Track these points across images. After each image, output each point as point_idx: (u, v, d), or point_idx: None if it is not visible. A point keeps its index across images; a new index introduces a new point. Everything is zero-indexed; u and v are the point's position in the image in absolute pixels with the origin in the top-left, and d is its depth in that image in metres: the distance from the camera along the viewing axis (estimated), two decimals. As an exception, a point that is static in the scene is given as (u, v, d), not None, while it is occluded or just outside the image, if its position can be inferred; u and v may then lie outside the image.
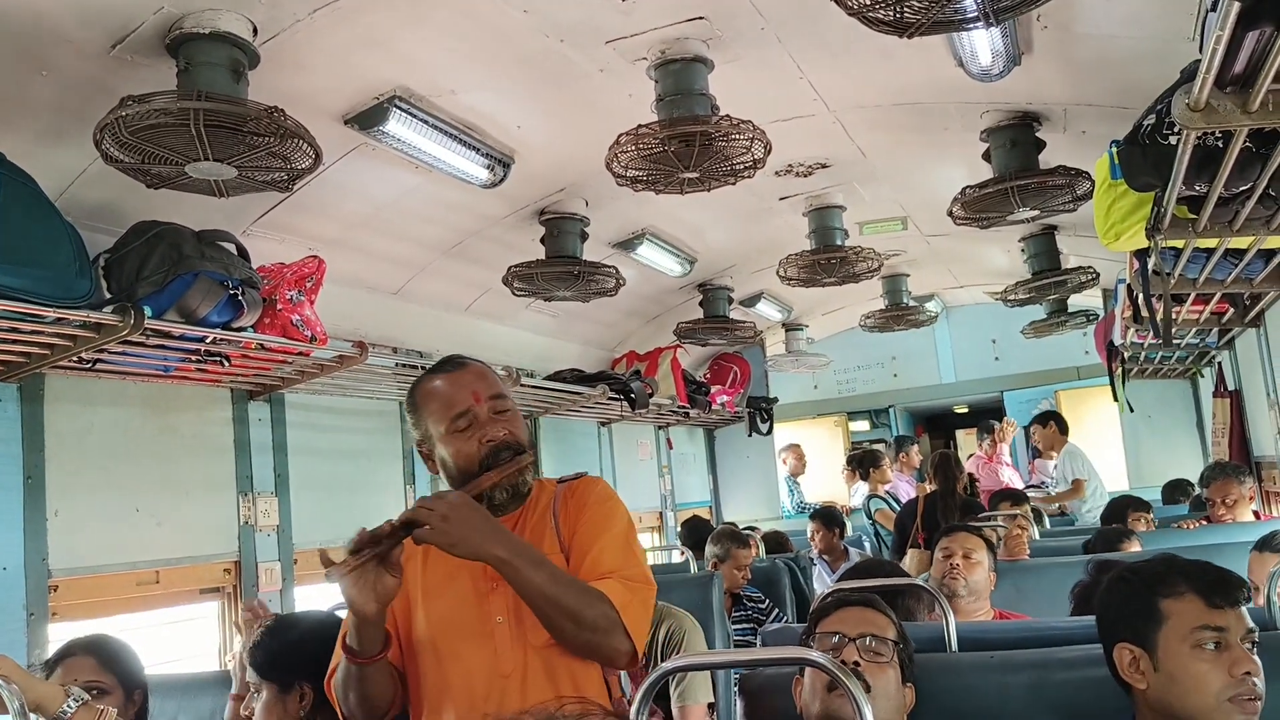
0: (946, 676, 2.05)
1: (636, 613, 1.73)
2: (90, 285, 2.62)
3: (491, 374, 1.93)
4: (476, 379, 1.88)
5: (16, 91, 2.50)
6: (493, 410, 1.84)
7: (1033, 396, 8.10)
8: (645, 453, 7.31)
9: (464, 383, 1.86)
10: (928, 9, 2.30)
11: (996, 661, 2.06)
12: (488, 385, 1.88)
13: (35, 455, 2.95)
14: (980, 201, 3.83)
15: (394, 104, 3.05)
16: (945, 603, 2.29)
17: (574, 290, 4.38)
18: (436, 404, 1.85)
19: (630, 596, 1.73)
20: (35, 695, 1.76)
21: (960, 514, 4.61)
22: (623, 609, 1.70)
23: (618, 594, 1.71)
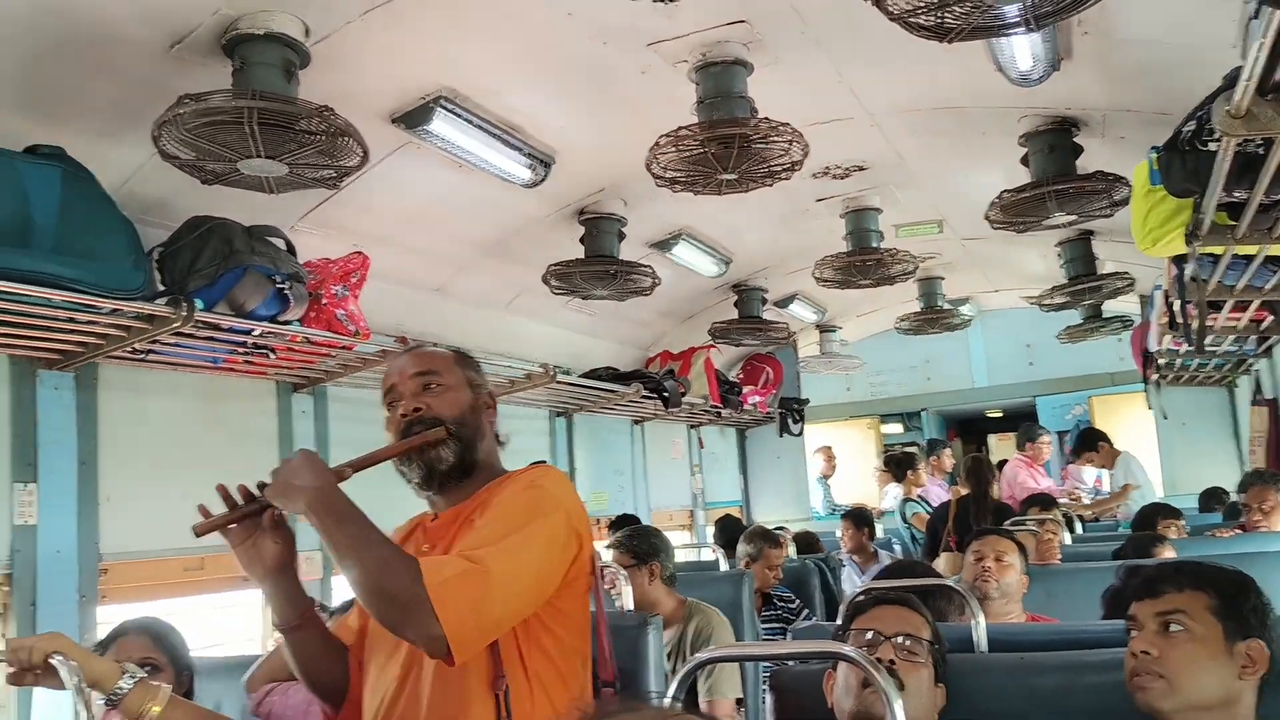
0: (976, 677, 2.07)
1: (457, 596, 1.46)
2: (145, 278, 2.71)
3: (433, 354, 1.84)
4: (410, 359, 1.82)
5: (80, 90, 2.59)
6: (419, 386, 1.77)
7: (1066, 402, 8.06)
8: (677, 451, 7.35)
9: (397, 364, 1.83)
10: (969, 15, 2.33)
11: (1026, 663, 2.07)
12: (417, 362, 1.80)
13: (89, 442, 3.05)
14: (1017, 206, 3.84)
15: (439, 104, 3.12)
16: (975, 604, 2.31)
17: (611, 289, 4.43)
18: (382, 388, 1.83)
19: (455, 576, 1.48)
20: (93, 671, 1.77)
21: (993, 518, 4.61)
22: (435, 587, 1.45)
23: (437, 570, 1.48)
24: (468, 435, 1.76)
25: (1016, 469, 6.76)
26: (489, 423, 1.86)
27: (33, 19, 2.31)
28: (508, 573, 1.52)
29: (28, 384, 2.90)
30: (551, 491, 1.70)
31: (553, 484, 1.73)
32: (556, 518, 1.65)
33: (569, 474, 5.76)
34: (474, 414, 1.80)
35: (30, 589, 2.83)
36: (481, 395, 1.85)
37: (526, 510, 1.64)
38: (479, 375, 1.88)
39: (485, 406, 1.85)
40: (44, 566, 2.87)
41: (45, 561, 2.87)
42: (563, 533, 1.65)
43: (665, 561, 3.40)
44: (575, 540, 1.68)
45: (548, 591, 1.63)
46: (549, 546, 1.62)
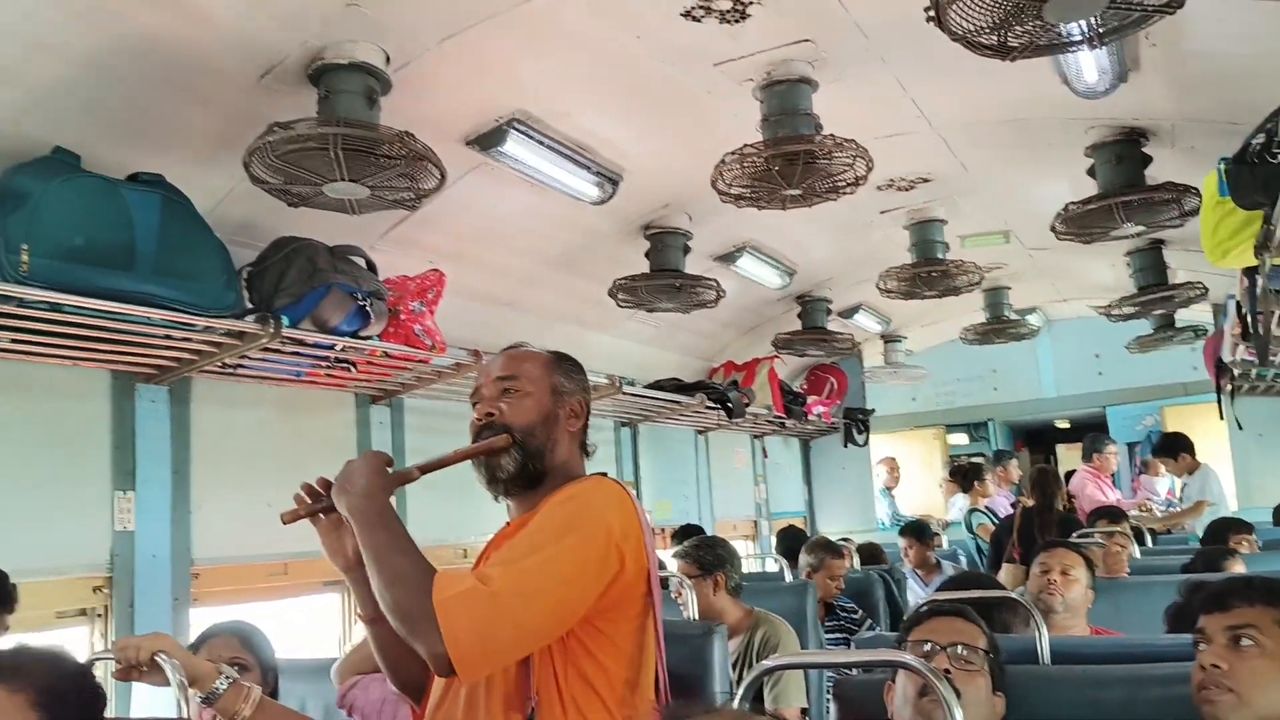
0: (1038, 689, 2.08)
1: (462, 614, 1.43)
2: (236, 296, 2.85)
3: (519, 357, 1.84)
4: (499, 361, 1.84)
5: (177, 120, 2.75)
6: (499, 390, 1.77)
7: (1137, 413, 7.92)
8: (741, 462, 7.38)
9: (488, 364, 1.86)
10: (1031, 34, 2.36)
11: (1089, 676, 2.08)
12: (501, 365, 1.81)
13: (182, 452, 3.20)
14: (1084, 217, 3.82)
15: (513, 126, 3.22)
16: (1038, 615, 2.33)
17: (676, 302, 4.50)
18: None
19: (460, 594, 1.45)
20: (193, 671, 1.85)
21: (1058, 530, 4.57)
22: (444, 604, 1.43)
23: (448, 585, 1.46)
24: (535, 445, 1.74)
25: (1084, 480, 6.67)
26: (570, 431, 1.82)
27: (136, 53, 2.45)
28: (518, 594, 1.47)
29: (128, 397, 3.07)
30: (593, 506, 1.64)
31: (599, 497, 1.67)
32: (592, 535, 1.58)
33: (634, 484, 5.83)
34: (547, 424, 1.77)
35: (129, 592, 2.99)
36: (566, 402, 1.81)
37: (556, 527, 1.58)
38: (571, 381, 1.84)
39: (570, 415, 1.82)
40: (141, 570, 3.03)
41: (142, 565, 3.03)
42: (598, 552, 1.57)
43: (731, 572, 3.44)
44: (615, 559, 1.59)
45: (574, 615, 1.56)
46: (578, 567, 1.55)
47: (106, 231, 2.52)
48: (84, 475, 2.96)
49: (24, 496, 2.79)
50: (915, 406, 8.66)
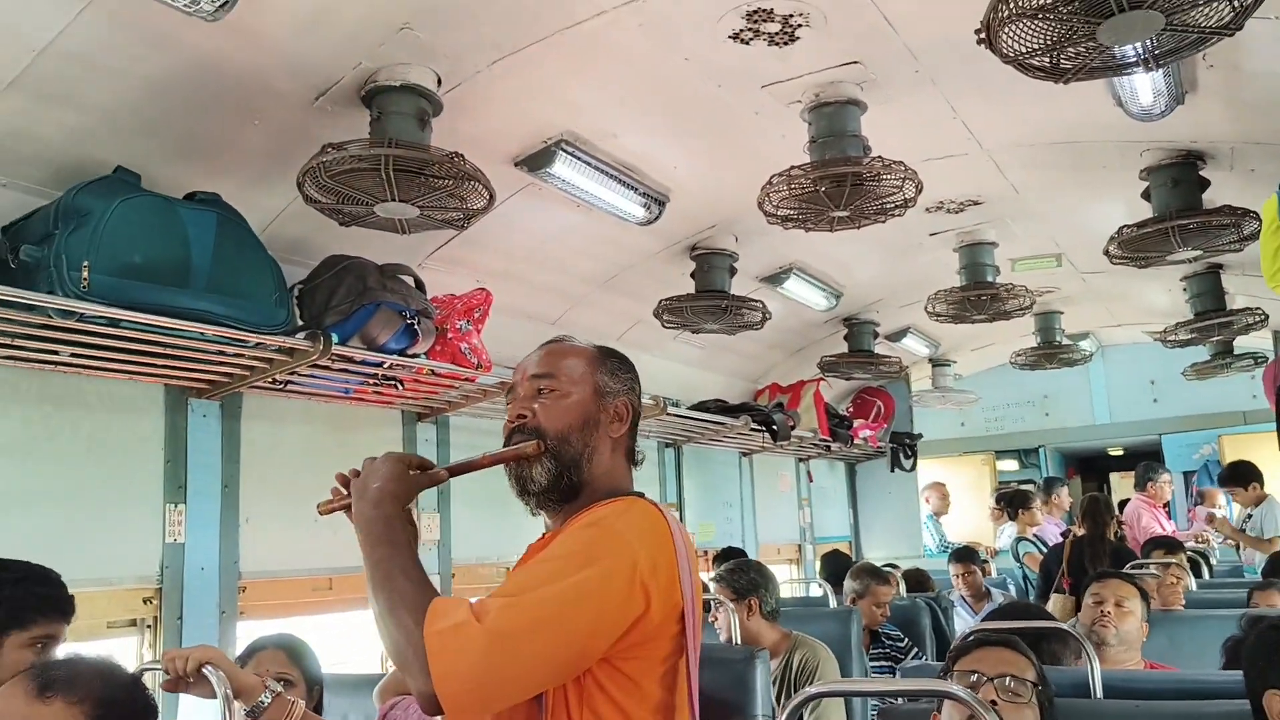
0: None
1: (450, 649, 1.30)
2: (287, 314, 2.89)
3: (559, 351, 1.67)
4: (537, 356, 1.66)
5: (234, 140, 2.81)
6: (534, 390, 1.61)
7: (1194, 441, 7.75)
8: (785, 485, 7.33)
9: (526, 359, 1.68)
10: (1084, 56, 2.33)
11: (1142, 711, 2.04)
12: (539, 361, 1.65)
13: (232, 466, 3.25)
14: (1139, 241, 3.76)
15: (560, 147, 3.25)
16: (1090, 648, 2.28)
17: (721, 323, 4.50)
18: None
19: (451, 628, 1.31)
20: (239, 683, 1.88)
21: (1110, 560, 4.48)
22: (434, 637, 1.31)
23: (443, 618, 1.33)
24: (570, 454, 1.57)
25: (1138, 510, 6.53)
26: (613, 438, 1.63)
27: (194, 75, 2.51)
28: (515, 633, 1.32)
29: (180, 412, 3.12)
30: (618, 534, 1.44)
31: (626, 524, 1.47)
32: (613, 570, 1.40)
33: (676, 505, 5.81)
34: (585, 429, 1.60)
35: (178, 604, 3.03)
36: (609, 405, 1.63)
37: (572, 557, 1.41)
38: (617, 379, 1.66)
39: (613, 419, 1.63)
40: (190, 583, 3.07)
41: (191, 578, 3.07)
42: (619, 589, 1.39)
43: (766, 596, 3.42)
44: (640, 598, 1.40)
45: (585, 660, 1.40)
46: (593, 607, 1.37)
47: (164, 249, 2.57)
48: (137, 488, 3.01)
49: (78, 508, 2.85)
50: (964, 432, 8.55)
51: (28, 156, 2.55)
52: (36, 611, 1.99)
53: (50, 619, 2.02)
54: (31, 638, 1.98)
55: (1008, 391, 8.27)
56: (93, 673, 1.57)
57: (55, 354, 2.65)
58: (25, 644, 1.96)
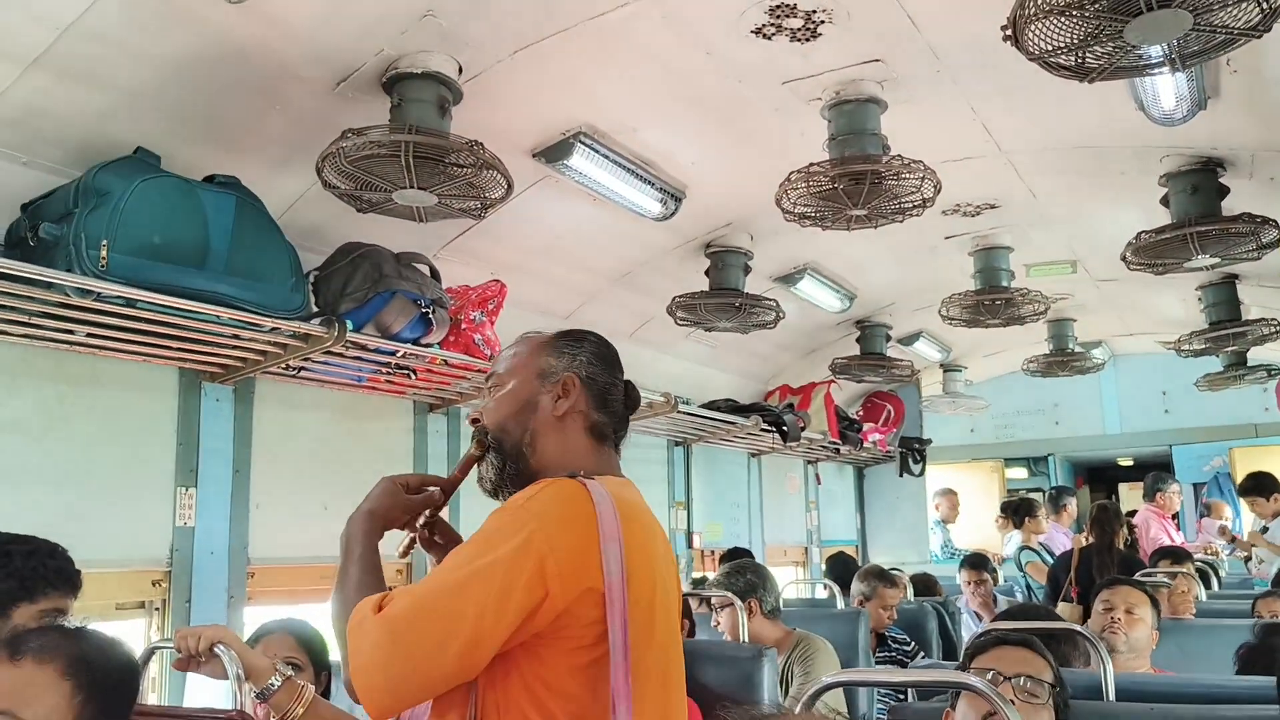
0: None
1: (365, 644, 1.34)
2: (303, 299, 2.89)
3: (512, 345, 1.69)
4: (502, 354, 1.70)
5: (254, 123, 2.81)
6: (486, 392, 1.66)
7: (1204, 453, 7.71)
8: (793, 486, 7.32)
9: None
10: (1111, 55, 2.32)
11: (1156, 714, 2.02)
12: (491, 366, 1.70)
13: (243, 451, 3.25)
14: (1156, 247, 3.74)
15: (579, 139, 3.24)
16: (1103, 650, 2.26)
17: (734, 322, 4.49)
18: None
19: (362, 622, 1.36)
20: (250, 665, 1.87)
21: (1119, 570, 4.46)
22: (350, 630, 1.37)
23: (355, 615, 1.38)
24: (510, 444, 1.57)
25: (1147, 520, 6.50)
26: (557, 416, 1.58)
27: (217, 59, 2.52)
28: (406, 621, 1.33)
29: (194, 395, 3.12)
30: (519, 514, 1.39)
31: (533, 504, 1.41)
32: (510, 550, 1.34)
33: (684, 504, 5.80)
34: (522, 416, 1.58)
35: (187, 587, 3.03)
36: (554, 384, 1.59)
37: (475, 544, 1.39)
38: (561, 357, 1.62)
39: (557, 397, 1.59)
40: (199, 566, 3.07)
41: (201, 561, 3.07)
42: (515, 567, 1.33)
43: (764, 596, 3.43)
44: (537, 576, 1.33)
45: (483, 643, 1.33)
46: (485, 586, 1.33)
47: (183, 231, 2.57)
48: (148, 470, 3.01)
49: (90, 488, 2.85)
50: (974, 438, 8.53)
51: (49, 135, 2.55)
52: (46, 584, 1.99)
53: (60, 592, 2.01)
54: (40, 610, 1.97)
55: (1018, 399, 8.24)
56: (64, 634, 1.54)
57: (71, 333, 2.65)
58: (34, 616, 1.95)
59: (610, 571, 1.36)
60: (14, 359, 2.71)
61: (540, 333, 1.70)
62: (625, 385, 1.69)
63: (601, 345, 1.68)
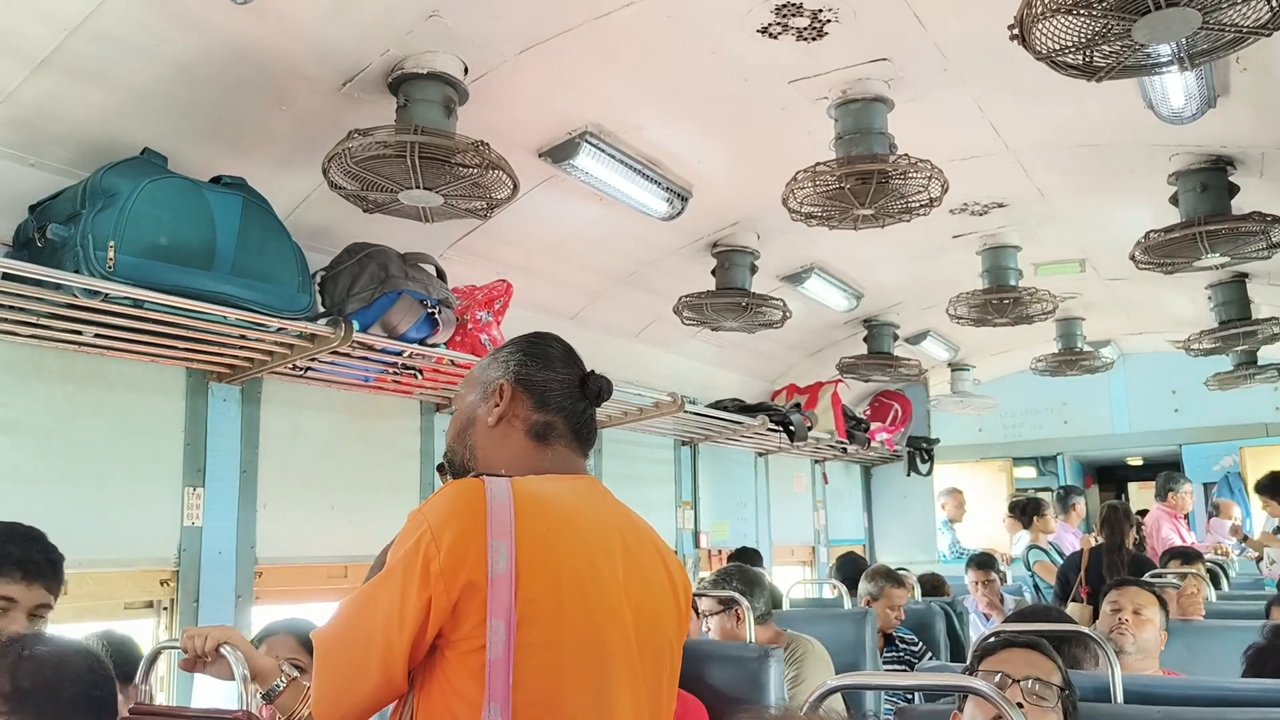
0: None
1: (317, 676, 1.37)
2: (309, 299, 2.89)
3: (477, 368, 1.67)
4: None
5: (260, 123, 2.81)
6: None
7: (1214, 452, 7.68)
8: (800, 486, 7.31)
9: None
10: (1119, 54, 2.30)
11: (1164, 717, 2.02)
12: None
13: (250, 452, 3.26)
14: (1165, 246, 3.72)
15: (585, 139, 3.24)
16: (1111, 652, 2.25)
17: (741, 321, 4.48)
18: None
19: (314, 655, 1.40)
20: (256, 666, 1.86)
21: (1129, 570, 4.44)
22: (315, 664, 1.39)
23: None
24: (457, 461, 1.61)
25: (1159, 520, 6.48)
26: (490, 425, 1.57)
27: (223, 60, 2.52)
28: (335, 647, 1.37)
29: (201, 395, 3.13)
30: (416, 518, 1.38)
31: (433, 504, 1.39)
32: (405, 554, 1.33)
33: (691, 504, 5.81)
34: (464, 432, 1.61)
35: (194, 586, 3.04)
36: (487, 396, 1.59)
37: (386, 555, 1.40)
38: (496, 366, 1.62)
39: (490, 404, 1.58)
40: (207, 566, 3.08)
41: (208, 561, 3.08)
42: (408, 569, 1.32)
43: (753, 601, 3.41)
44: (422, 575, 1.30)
45: (396, 659, 1.32)
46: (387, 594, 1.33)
47: (190, 232, 2.58)
48: (156, 470, 3.02)
49: (98, 488, 2.86)
50: (981, 438, 8.50)
51: (57, 136, 2.56)
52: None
53: (9, 578, 1.91)
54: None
55: (1027, 398, 8.21)
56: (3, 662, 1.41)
57: (79, 334, 2.66)
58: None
59: (495, 565, 1.31)
60: (22, 360, 2.72)
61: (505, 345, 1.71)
62: (584, 377, 1.64)
63: (538, 344, 1.64)
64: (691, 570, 5.64)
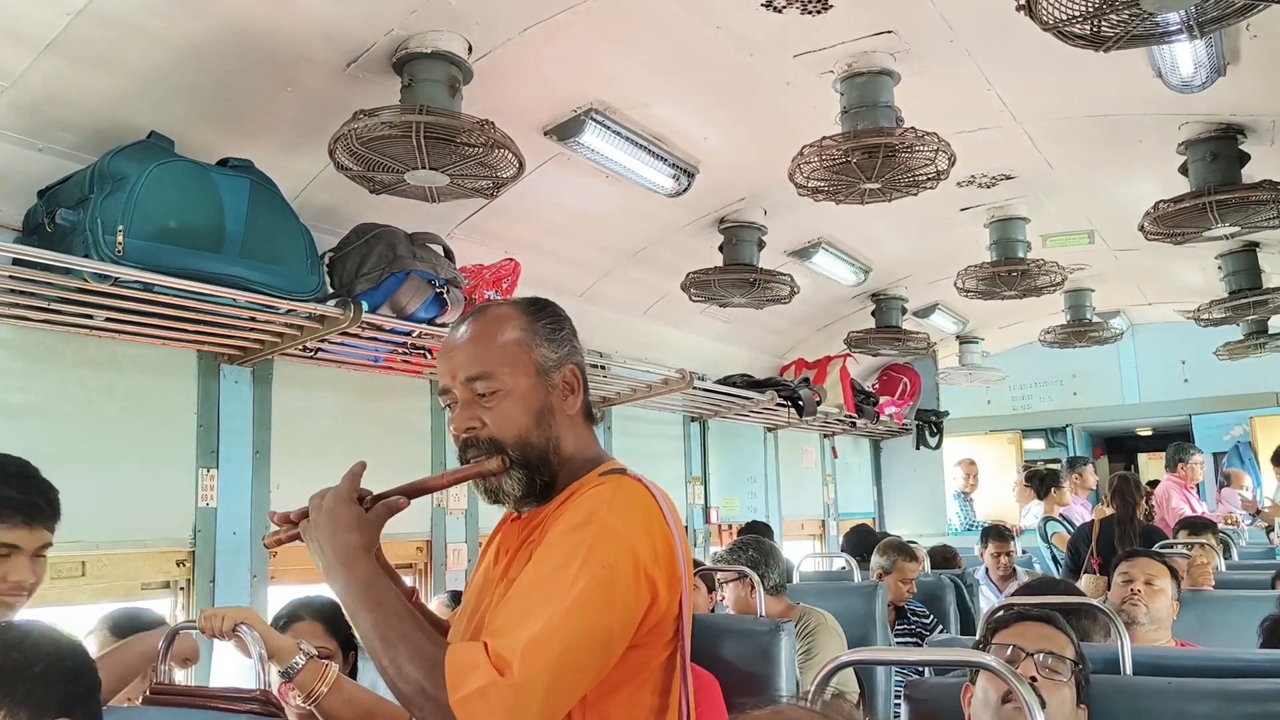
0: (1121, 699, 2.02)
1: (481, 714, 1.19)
2: (318, 281, 2.90)
3: (484, 338, 1.45)
4: (459, 349, 1.45)
5: (266, 106, 2.81)
6: (472, 395, 1.42)
7: (1224, 422, 7.66)
8: (810, 460, 7.32)
9: (448, 352, 1.47)
10: (1127, 23, 2.29)
11: (1174, 689, 2.01)
12: (467, 362, 1.43)
13: (263, 433, 3.28)
14: (1175, 216, 3.70)
15: (590, 116, 3.23)
16: (1121, 625, 2.25)
17: (749, 297, 4.47)
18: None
19: (485, 691, 1.19)
20: (273, 645, 1.88)
21: (1140, 541, 4.44)
22: (462, 704, 1.20)
23: (465, 682, 1.21)
24: (535, 456, 1.43)
25: (1169, 490, 6.48)
26: (570, 414, 1.48)
27: (228, 42, 2.52)
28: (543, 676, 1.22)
29: (213, 377, 3.15)
30: (613, 529, 1.32)
31: (617, 515, 1.34)
32: (618, 568, 1.30)
33: (701, 480, 5.83)
34: (542, 423, 1.45)
35: (210, 567, 3.07)
36: (555, 381, 1.47)
37: (569, 568, 1.28)
38: (556, 346, 1.48)
39: (566, 394, 1.48)
40: (222, 546, 3.11)
41: (224, 542, 3.11)
42: (628, 585, 1.30)
43: (767, 573, 3.44)
44: (647, 588, 1.33)
45: (609, 664, 1.31)
46: (607, 614, 1.28)
47: (198, 215, 2.59)
48: (170, 452, 3.04)
49: (113, 470, 2.88)
50: (990, 410, 8.49)
51: (64, 121, 2.56)
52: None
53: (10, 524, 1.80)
54: None
55: (1035, 370, 8.19)
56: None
57: (90, 318, 2.68)
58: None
59: (683, 566, 1.39)
60: (35, 344, 2.74)
61: (497, 304, 1.58)
62: None
63: (561, 314, 1.55)
64: (702, 545, 5.67)
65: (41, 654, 1.37)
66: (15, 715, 1.31)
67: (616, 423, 5.04)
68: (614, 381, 4.64)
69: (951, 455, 8.15)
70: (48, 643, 1.40)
